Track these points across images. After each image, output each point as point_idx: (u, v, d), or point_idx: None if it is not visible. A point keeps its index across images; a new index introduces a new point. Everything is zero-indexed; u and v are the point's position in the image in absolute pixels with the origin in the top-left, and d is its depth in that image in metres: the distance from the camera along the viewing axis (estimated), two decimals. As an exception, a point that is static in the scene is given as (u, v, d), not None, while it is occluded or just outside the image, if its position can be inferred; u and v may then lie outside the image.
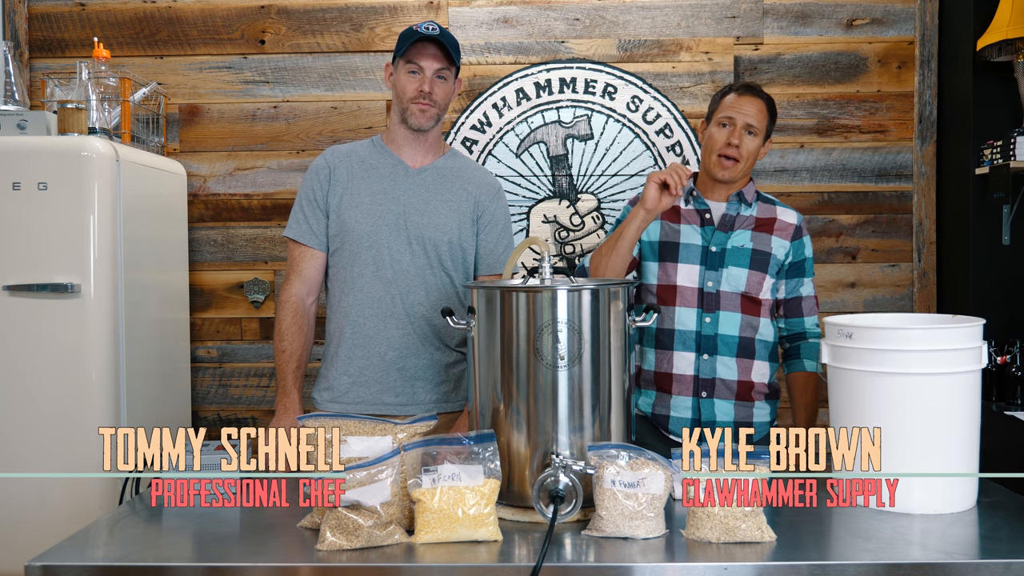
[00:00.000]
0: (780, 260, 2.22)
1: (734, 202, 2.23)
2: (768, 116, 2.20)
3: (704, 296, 2.18)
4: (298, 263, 2.20)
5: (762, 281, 2.19)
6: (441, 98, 2.17)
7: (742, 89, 2.21)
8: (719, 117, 2.19)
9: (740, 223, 2.22)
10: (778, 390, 2.30)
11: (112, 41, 3.32)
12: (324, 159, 2.23)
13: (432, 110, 2.15)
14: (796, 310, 2.25)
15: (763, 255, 2.19)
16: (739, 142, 2.15)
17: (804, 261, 2.25)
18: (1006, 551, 1.41)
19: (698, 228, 2.21)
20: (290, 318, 2.16)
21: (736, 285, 2.18)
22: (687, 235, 2.21)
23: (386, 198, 2.17)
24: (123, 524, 1.61)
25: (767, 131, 2.21)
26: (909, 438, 1.61)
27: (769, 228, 2.22)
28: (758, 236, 2.21)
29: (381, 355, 2.15)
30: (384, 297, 2.15)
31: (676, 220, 2.24)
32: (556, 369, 1.59)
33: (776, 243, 2.21)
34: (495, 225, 2.26)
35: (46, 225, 2.59)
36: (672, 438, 2.22)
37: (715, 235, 2.20)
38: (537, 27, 3.27)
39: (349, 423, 1.57)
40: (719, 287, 2.18)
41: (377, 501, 1.45)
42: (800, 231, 2.25)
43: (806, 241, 2.26)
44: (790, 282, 2.25)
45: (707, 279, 2.18)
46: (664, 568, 1.38)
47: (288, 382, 2.13)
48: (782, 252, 2.22)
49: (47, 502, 2.58)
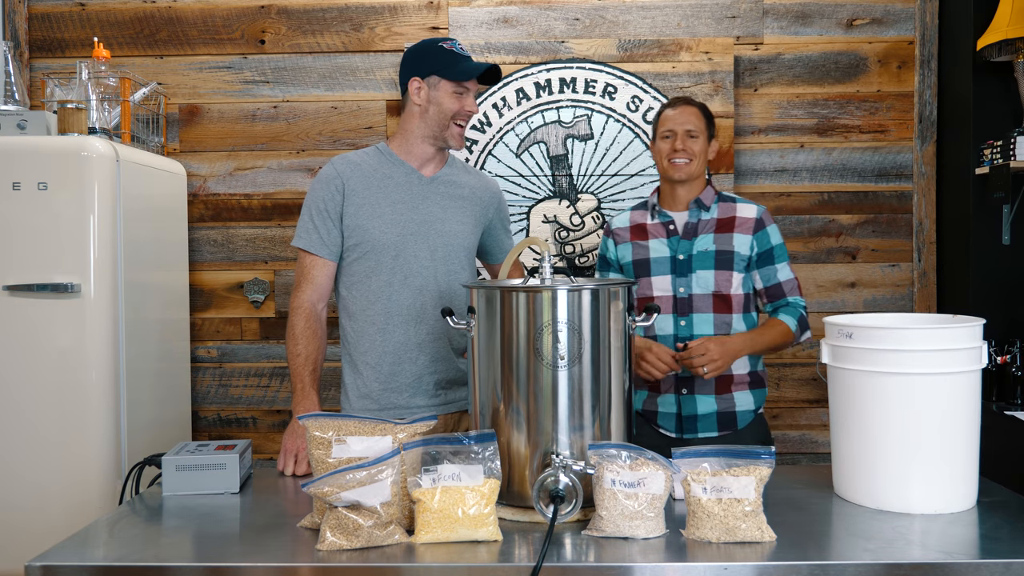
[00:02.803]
0: (746, 255, 2.33)
1: (694, 209, 2.37)
2: (704, 119, 2.38)
3: (677, 301, 2.33)
4: (309, 272, 2.20)
5: (730, 278, 2.31)
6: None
7: (674, 102, 2.41)
8: (661, 131, 2.38)
9: (703, 227, 2.36)
10: (762, 378, 2.39)
11: (112, 41, 3.32)
12: (334, 168, 2.22)
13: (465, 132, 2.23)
14: (778, 294, 2.35)
15: (727, 254, 2.32)
16: (683, 145, 2.33)
17: (772, 249, 2.34)
18: (1006, 551, 1.41)
19: (665, 240, 2.37)
20: (303, 323, 2.17)
21: (706, 286, 2.31)
22: (655, 249, 2.37)
23: (406, 207, 2.20)
24: (123, 524, 1.61)
25: (708, 133, 2.38)
26: (909, 438, 1.61)
27: (730, 227, 2.34)
28: (720, 237, 2.33)
29: (413, 360, 2.19)
30: (414, 304, 2.19)
31: (644, 237, 2.40)
32: (556, 369, 1.59)
33: (738, 240, 2.33)
34: (503, 228, 2.41)
35: (46, 225, 2.59)
36: (662, 432, 2.37)
37: (680, 243, 2.35)
38: (537, 27, 3.27)
39: (349, 423, 1.57)
40: (690, 291, 2.32)
41: (377, 501, 1.45)
42: (761, 223, 2.35)
43: (770, 231, 2.35)
44: (763, 271, 2.35)
45: (678, 286, 2.33)
46: (664, 568, 1.38)
47: (306, 384, 2.13)
48: (746, 247, 2.33)
49: (47, 502, 2.58)
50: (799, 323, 2.31)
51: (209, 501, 1.74)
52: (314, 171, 3.31)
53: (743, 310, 2.34)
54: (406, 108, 2.22)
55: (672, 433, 2.35)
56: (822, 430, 3.32)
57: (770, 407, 3.31)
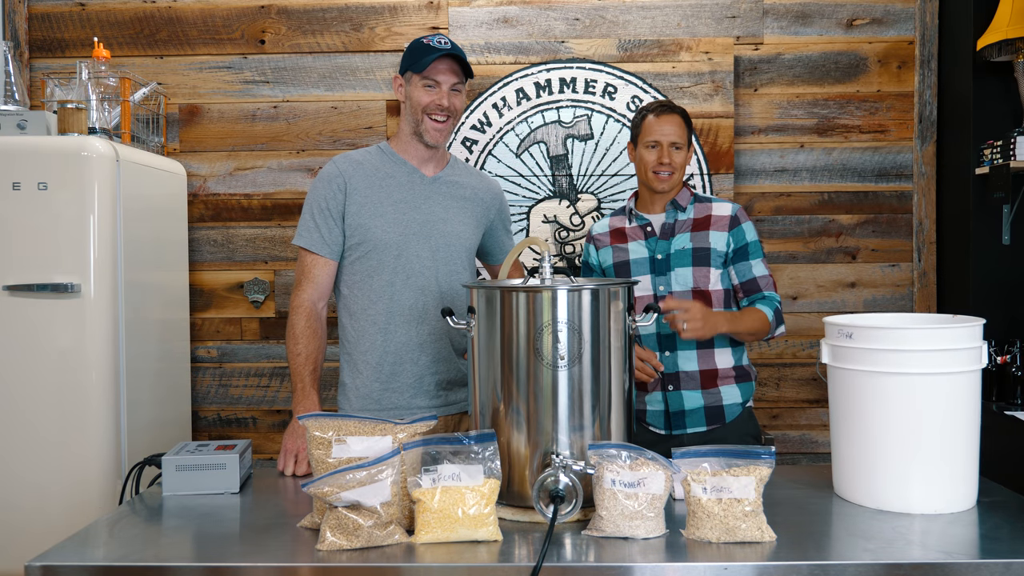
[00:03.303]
0: (722, 251, 2.36)
1: (671, 211, 2.41)
2: (686, 128, 2.40)
3: (658, 300, 2.34)
4: (310, 270, 2.20)
5: (708, 274, 2.34)
6: (456, 111, 2.21)
7: (658, 110, 2.40)
8: (645, 141, 2.38)
9: (679, 227, 2.39)
10: (748, 372, 2.41)
11: (112, 41, 3.32)
12: (336, 167, 2.22)
13: (446, 127, 2.20)
14: (753, 288, 2.37)
15: (703, 251, 2.35)
16: (669, 159, 2.35)
17: (747, 245, 2.37)
18: (1006, 551, 1.41)
19: (643, 242, 2.41)
20: (304, 322, 2.17)
21: (684, 283, 2.34)
22: (635, 251, 2.41)
23: (408, 207, 2.20)
24: (123, 524, 1.61)
25: (689, 140, 2.41)
26: (909, 438, 1.61)
27: (706, 225, 2.38)
28: (697, 235, 2.37)
29: (414, 361, 2.19)
30: (416, 304, 2.18)
31: (624, 241, 2.44)
32: (556, 369, 1.59)
33: (714, 237, 2.36)
34: (504, 229, 2.41)
35: (46, 225, 2.59)
36: (651, 429, 2.40)
37: (658, 244, 2.39)
38: (537, 27, 3.27)
39: (349, 423, 1.57)
40: (670, 289, 2.35)
41: (377, 501, 1.45)
42: (736, 220, 2.39)
43: (745, 228, 2.38)
44: (738, 266, 2.37)
45: (658, 284, 2.36)
46: (664, 568, 1.38)
47: (306, 383, 2.13)
48: (722, 243, 2.36)
49: (47, 502, 2.58)
50: (775, 315, 2.32)
51: (209, 501, 1.74)
52: (314, 171, 3.31)
53: (723, 305, 2.36)
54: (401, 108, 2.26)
55: (661, 430, 2.37)
56: (822, 430, 3.32)
57: (770, 407, 3.31)
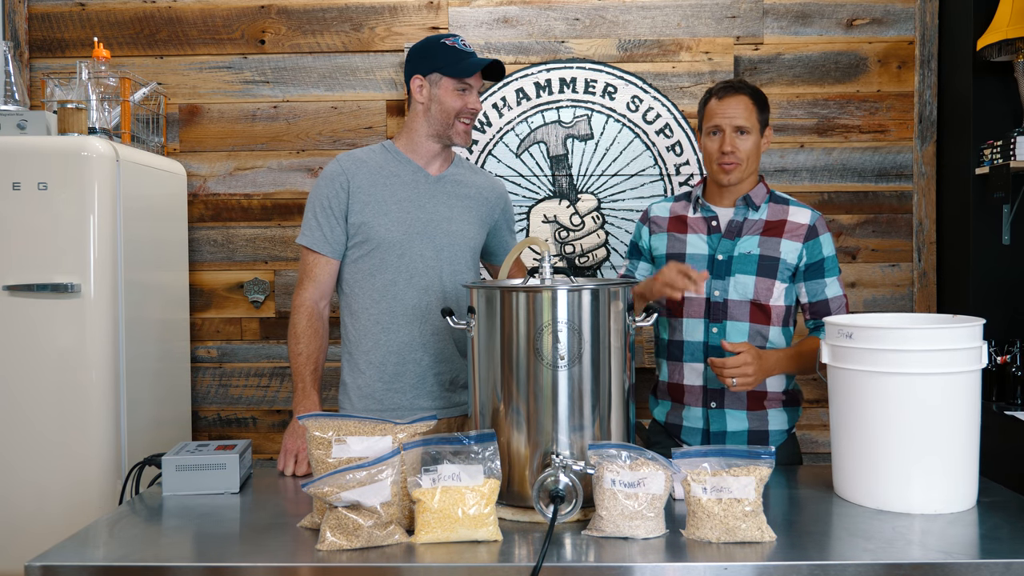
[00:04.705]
0: (792, 264, 2.12)
1: (741, 207, 2.16)
2: (756, 108, 2.13)
3: (711, 306, 2.13)
4: (312, 270, 2.19)
5: (771, 287, 2.11)
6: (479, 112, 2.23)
7: (721, 91, 2.15)
8: (708, 127, 2.15)
9: (748, 228, 2.15)
10: (797, 397, 2.22)
11: (112, 41, 3.32)
12: (339, 165, 2.20)
13: (472, 130, 2.18)
14: (823, 311, 2.14)
15: (771, 260, 2.11)
16: (732, 147, 2.10)
17: (823, 261, 2.13)
18: (1006, 551, 1.41)
19: (704, 236, 2.17)
20: (305, 322, 2.16)
21: (744, 293, 2.11)
22: (693, 244, 2.17)
23: (412, 206, 2.18)
24: (123, 524, 1.61)
25: (761, 123, 2.14)
26: (909, 438, 1.61)
27: (779, 231, 2.13)
28: (767, 241, 2.12)
29: (417, 361, 2.18)
30: (419, 303, 2.17)
31: (683, 231, 2.20)
32: (556, 369, 1.59)
33: (786, 246, 2.12)
34: (508, 230, 2.40)
35: (46, 225, 2.59)
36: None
37: (721, 242, 2.14)
38: (537, 27, 3.27)
39: (349, 423, 1.57)
40: (726, 296, 2.11)
41: (377, 501, 1.45)
42: (814, 231, 2.14)
43: (823, 240, 2.15)
44: (811, 284, 2.14)
45: (714, 288, 2.12)
46: (664, 568, 1.38)
47: (307, 383, 2.12)
48: (793, 255, 2.12)
49: (47, 502, 2.58)
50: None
51: (209, 501, 1.74)
52: (314, 171, 3.31)
53: (782, 323, 2.14)
54: (411, 106, 2.22)
55: None
56: (822, 430, 3.32)
57: (770, 407, 3.31)
